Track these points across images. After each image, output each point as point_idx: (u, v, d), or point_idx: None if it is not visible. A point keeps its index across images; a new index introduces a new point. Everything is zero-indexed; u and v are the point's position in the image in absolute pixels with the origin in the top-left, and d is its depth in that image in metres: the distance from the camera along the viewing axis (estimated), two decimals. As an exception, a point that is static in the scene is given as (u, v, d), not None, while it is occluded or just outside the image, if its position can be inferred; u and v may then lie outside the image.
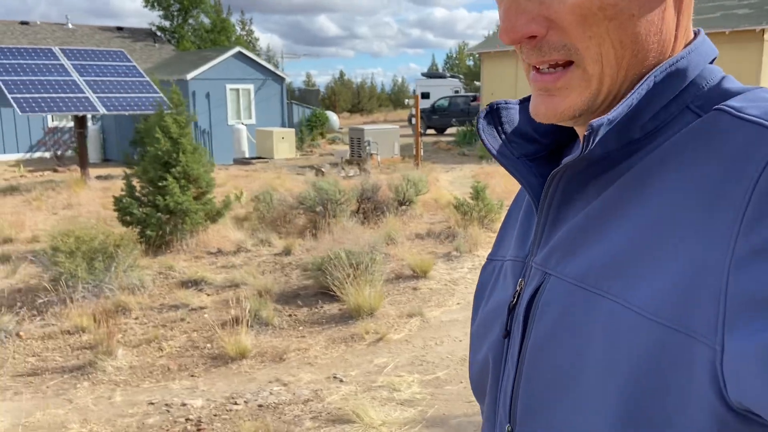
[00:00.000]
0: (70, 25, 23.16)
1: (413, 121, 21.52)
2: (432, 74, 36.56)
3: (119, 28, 24.70)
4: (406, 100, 41.75)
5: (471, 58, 41.81)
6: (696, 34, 0.61)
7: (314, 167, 14.65)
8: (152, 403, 3.74)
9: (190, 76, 17.20)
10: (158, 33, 26.69)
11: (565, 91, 0.57)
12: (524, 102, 0.70)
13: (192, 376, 4.15)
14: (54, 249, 5.57)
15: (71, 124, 19.68)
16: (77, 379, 4.12)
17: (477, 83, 28.98)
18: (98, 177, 13.61)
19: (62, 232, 5.71)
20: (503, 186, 10.23)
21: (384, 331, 4.76)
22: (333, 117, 26.58)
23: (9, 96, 11.89)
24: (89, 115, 14.24)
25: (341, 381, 3.99)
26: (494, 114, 0.70)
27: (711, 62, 0.60)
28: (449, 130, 25.59)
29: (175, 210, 7.11)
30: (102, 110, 12.62)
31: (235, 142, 17.45)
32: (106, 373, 4.17)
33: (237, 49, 18.72)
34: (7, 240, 8.02)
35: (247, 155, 17.52)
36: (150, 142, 7.39)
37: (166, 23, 28.87)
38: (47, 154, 19.45)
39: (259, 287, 5.70)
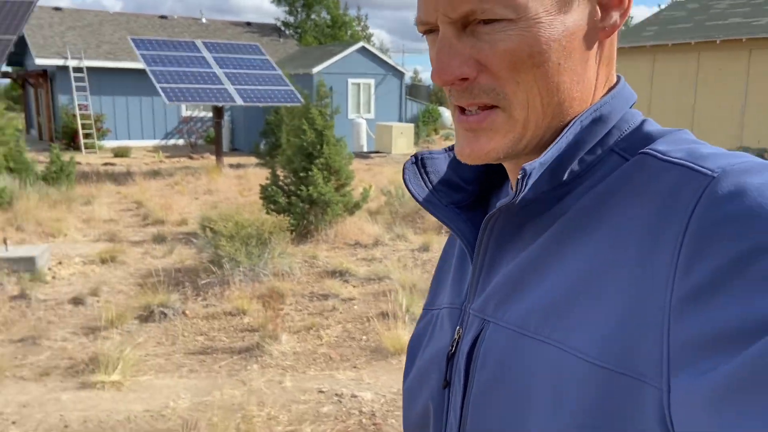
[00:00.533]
0: (204, 20, 24.49)
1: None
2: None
3: (248, 24, 25.83)
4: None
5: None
6: (617, 80, 0.63)
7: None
8: (322, 392, 3.78)
9: (315, 70, 17.65)
10: (282, 28, 27.67)
11: (490, 132, 0.59)
12: (449, 151, 0.71)
13: (354, 367, 4.17)
14: (214, 232, 5.82)
15: (203, 114, 20.81)
16: (246, 360, 4.25)
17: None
18: (230, 165, 14.27)
19: (222, 217, 5.96)
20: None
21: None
22: (445, 113, 26.43)
23: (157, 86, 12.69)
24: (226, 106, 14.95)
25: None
26: (420, 164, 0.71)
27: (631, 106, 0.62)
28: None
29: (318, 200, 7.25)
30: (239, 101, 13.20)
31: (354, 135, 17.73)
32: (273, 357, 4.28)
33: (360, 44, 19.01)
34: (159, 221, 8.53)
35: (365, 149, 17.77)
36: (286, 133, 7.58)
37: (290, 19, 29.88)
38: (181, 142, 20.71)
39: (404, 282, 5.68)
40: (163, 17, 24.05)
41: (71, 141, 18.48)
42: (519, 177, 0.56)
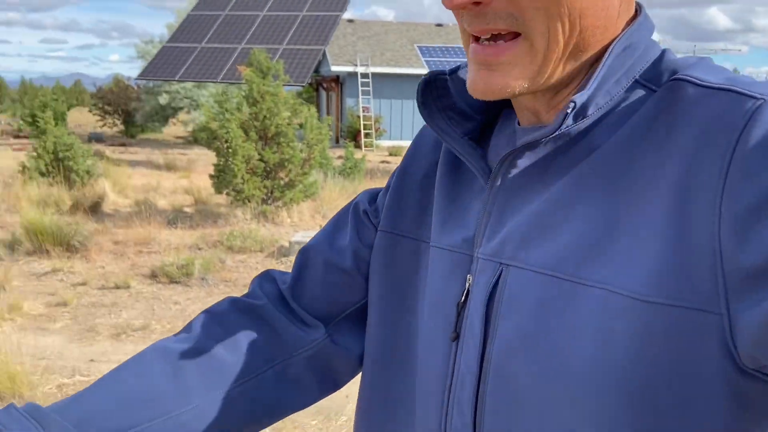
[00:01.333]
0: (477, 26, 25.14)
1: None
2: None
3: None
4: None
5: None
6: (638, 7, 0.59)
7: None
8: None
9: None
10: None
11: (507, 66, 0.54)
12: (453, 74, 0.65)
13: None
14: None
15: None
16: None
17: None
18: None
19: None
20: None
21: None
22: None
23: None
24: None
25: None
26: (431, 86, 0.64)
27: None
28: None
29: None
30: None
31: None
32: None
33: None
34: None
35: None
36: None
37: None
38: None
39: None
40: (439, 25, 25.30)
41: (353, 139, 20.50)
42: (568, 110, 0.52)
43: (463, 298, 0.60)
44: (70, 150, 9.72)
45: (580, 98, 0.52)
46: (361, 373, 0.75)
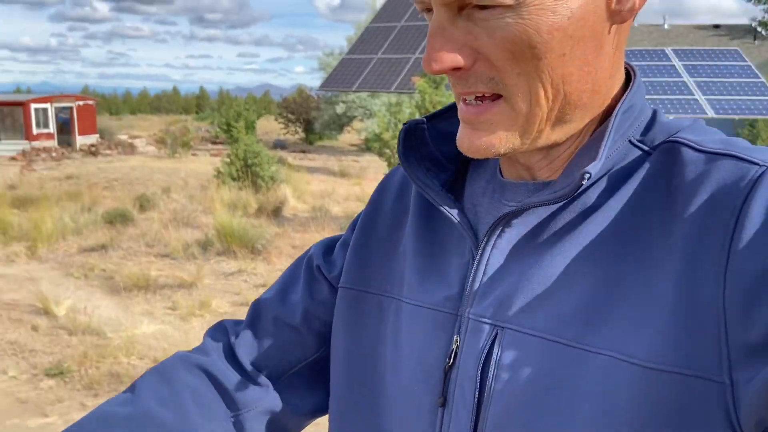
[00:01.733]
0: (666, 26, 23.30)
1: None
2: None
3: (715, 26, 23.50)
4: None
5: None
6: (630, 70, 0.60)
7: None
8: None
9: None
10: (759, 29, 24.25)
11: (490, 125, 0.55)
12: (431, 120, 0.66)
13: None
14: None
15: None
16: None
17: None
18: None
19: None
20: None
21: None
22: None
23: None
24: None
25: None
26: (411, 135, 0.64)
27: None
28: None
29: None
30: (711, 113, 11.97)
31: None
32: None
33: None
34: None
35: None
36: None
37: (768, 17, 25.93)
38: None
39: None
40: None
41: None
42: (584, 181, 0.52)
43: (450, 360, 0.58)
44: (258, 157, 10.53)
45: (593, 168, 0.52)
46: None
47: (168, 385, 0.70)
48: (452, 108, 0.65)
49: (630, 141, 0.56)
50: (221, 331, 0.76)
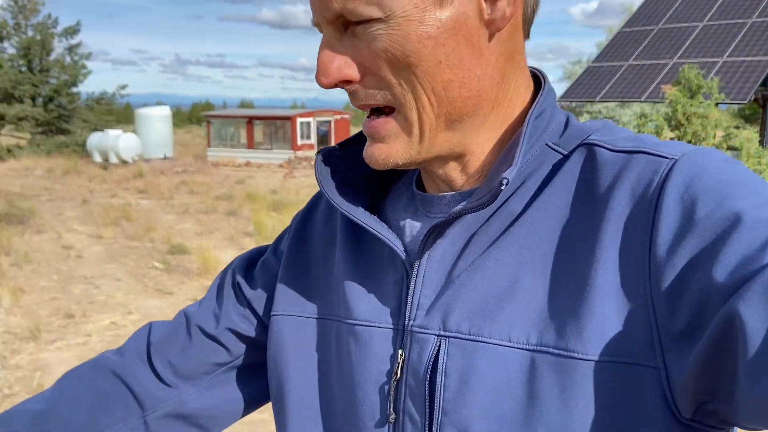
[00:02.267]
0: None
1: None
2: None
3: None
4: None
5: None
6: (540, 76, 0.63)
7: None
8: None
9: None
10: None
11: (388, 139, 0.58)
12: (345, 146, 0.68)
13: None
14: None
15: None
16: None
17: None
18: None
19: None
20: None
21: None
22: None
23: None
24: None
25: None
26: (329, 161, 0.67)
27: None
28: None
29: None
30: None
31: None
32: None
33: None
34: None
35: None
36: None
37: None
38: None
39: None
40: None
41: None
42: (503, 186, 0.54)
43: (397, 375, 0.59)
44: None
45: (510, 174, 0.54)
46: None
47: (80, 385, 0.75)
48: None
49: (547, 145, 0.59)
50: (144, 333, 0.80)
